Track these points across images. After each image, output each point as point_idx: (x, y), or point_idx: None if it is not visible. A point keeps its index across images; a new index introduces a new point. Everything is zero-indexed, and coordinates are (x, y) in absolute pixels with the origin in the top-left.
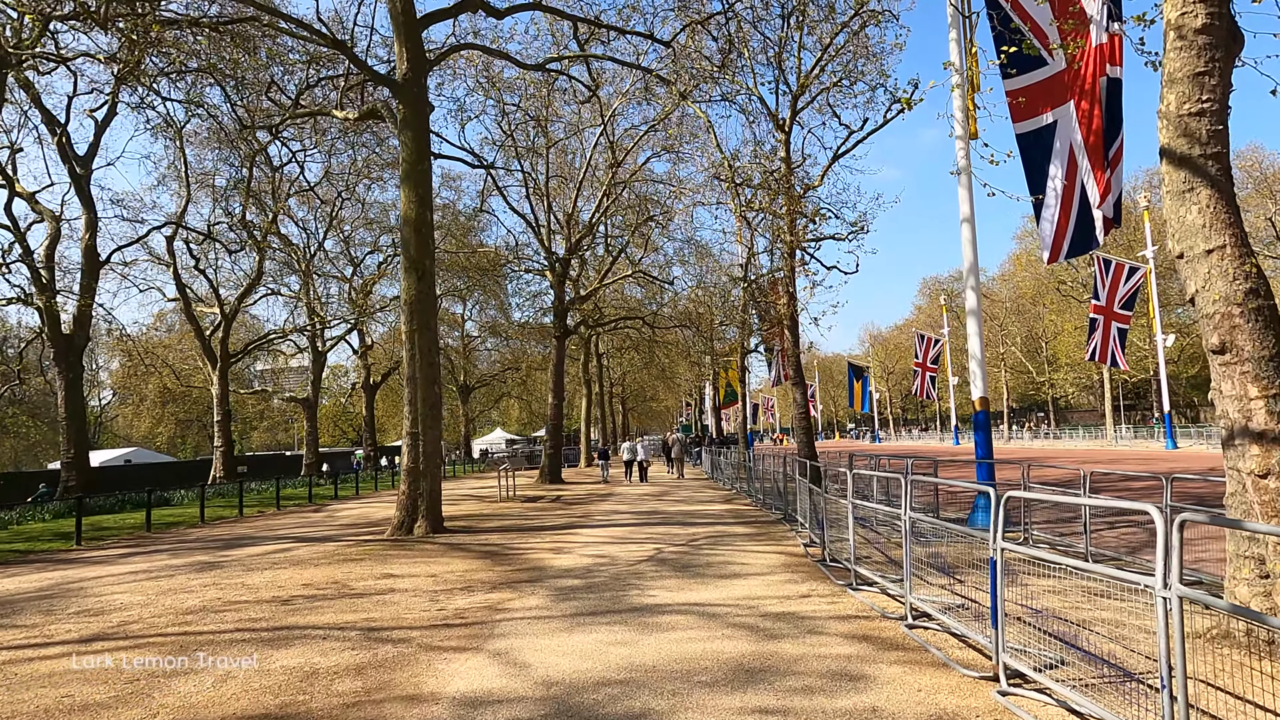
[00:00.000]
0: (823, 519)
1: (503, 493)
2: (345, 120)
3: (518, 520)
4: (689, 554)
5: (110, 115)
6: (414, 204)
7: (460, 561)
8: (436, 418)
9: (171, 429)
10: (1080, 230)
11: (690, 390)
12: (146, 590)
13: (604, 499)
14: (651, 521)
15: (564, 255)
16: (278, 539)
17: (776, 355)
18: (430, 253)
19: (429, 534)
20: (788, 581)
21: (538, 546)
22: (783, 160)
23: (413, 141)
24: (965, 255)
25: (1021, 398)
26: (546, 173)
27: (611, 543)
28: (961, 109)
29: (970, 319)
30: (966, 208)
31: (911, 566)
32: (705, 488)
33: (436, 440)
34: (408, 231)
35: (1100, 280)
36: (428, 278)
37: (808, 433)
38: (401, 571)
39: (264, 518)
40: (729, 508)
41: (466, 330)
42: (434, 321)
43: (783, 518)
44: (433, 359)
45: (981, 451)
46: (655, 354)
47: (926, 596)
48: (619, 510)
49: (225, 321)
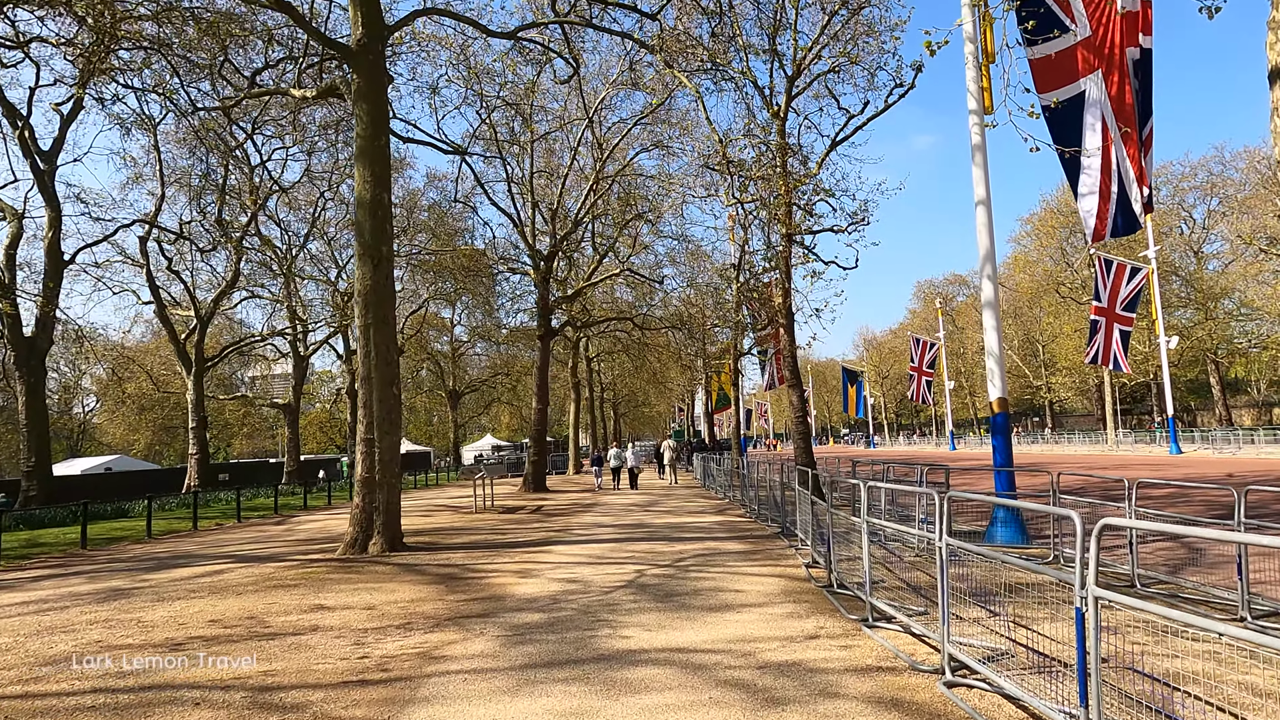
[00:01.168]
0: (828, 537)
1: (480, 503)
2: (303, 99)
3: (488, 535)
4: (674, 578)
5: (76, 109)
6: (369, 183)
7: (409, 588)
8: (395, 422)
9: (149, 435)
10: (1122, 208)
11: (683, 395)
12: (20, 629)
13: (587, 510)
14: (635, 537)
15: (548, 252)
16: (218, 558)
17: (770, 358)
18: (387, 238)
19: (385, 552)
20: (790, 615)
21: (503, 568)
22: (778, 146)
23: (368, 114)
24: (981, 240)
25: (1017, 402)
26: (530, 166)
27: (588, 563)
28: (975, 80)
29: (986, 311)
30: (982, 189)
31: (949, 604)
32: (696, 496)
33: (394, 447)
34: (362, 214)
35: (1101, 281)
36: (384, 266)
37: (806, 438)
38: (335, 602)
39: (219, 531)
40: (721, 520)
41: (455, 335)
42: (392, 315)
43: (780, 531)
44: (390, 357)
45: (1001, 458)
46: (646, 357)
47: (962, 638)
48: (601, 523)
49: (200, 324)
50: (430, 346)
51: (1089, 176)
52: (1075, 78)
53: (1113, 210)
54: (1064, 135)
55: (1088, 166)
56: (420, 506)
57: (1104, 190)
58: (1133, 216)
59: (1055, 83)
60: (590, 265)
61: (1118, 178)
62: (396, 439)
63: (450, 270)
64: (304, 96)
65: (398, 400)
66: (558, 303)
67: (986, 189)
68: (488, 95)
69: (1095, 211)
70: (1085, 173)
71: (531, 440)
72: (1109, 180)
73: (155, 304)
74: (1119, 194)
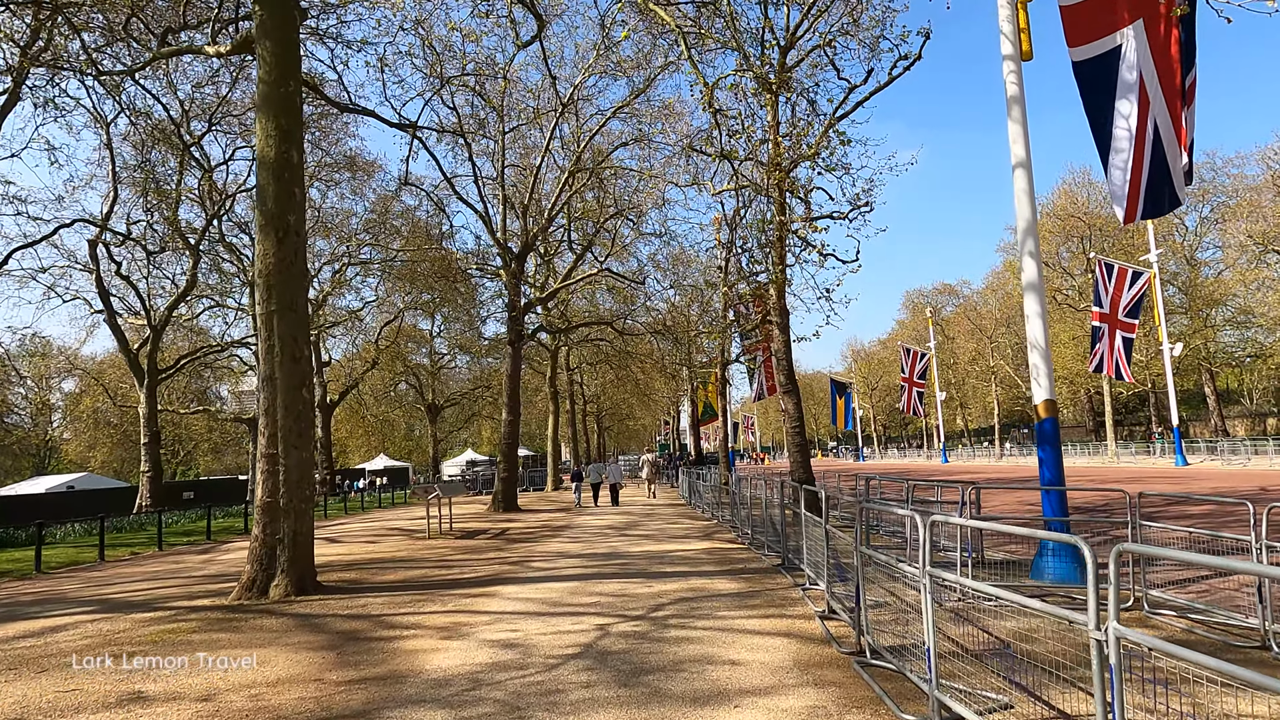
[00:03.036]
0: (857, 585)
1: (437, 526)
2: (218, 54)
3: (429, 570)
4: (648, 639)
5: (11, 102)
6: (274, 138)
7: (285, 658)
8: (306, 434)
9: (106, 452)
10: (1156, 182)
11: (668, 408)
12: None
13: (556, 534)
14: (605, 571)
15: (519, 251)
16: (82, 604)
17: (760, 366)
18: (296, 206)
19: (289, 596)
20: (813, 713)
21: (426, 622)
22: (770, 124)
23: (273, 54)
24: (1020, 210)
25: (1008, 413)
26: (502, 161)
27: (538, 613)
28: (1010, 20)
29: (1029, 296)
30: (1020, 149)
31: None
32: (681, 516)
33: (305, 465)
34: (264, 176)
35: (1102, 286)
36: (292, 240)
37: (803, 451)
38: (161, 688)
39: (128, 563)
40: (708, 546)
41: (434, 348)
42: (303, 301)
43: (780, 564)
44: (300, 353)
45: (1050, 473)
46: (629, 367)
47: None
48: (569, 552)
49: (154, 334)
50: (408, 359)
51: (1120, 148)
52: (1113, 29)
53: (1144, 188)
54: (1095, 98)
55: (1119, 136)
56: (371, 530)
57: (1136, 165)
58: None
59: (1089, 34)
60: (567, 268)
61: (1152, 149)
62: (307, 454)
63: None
64: (218, 52)
65: (310, 406)
66: (530, 305)
67: (1026, 148)
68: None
69: (1126, 190)
70: (1116, 144)
71: (502, 455)
72: (1143, 152)
73: (106, 312)
74: (1153, 169)
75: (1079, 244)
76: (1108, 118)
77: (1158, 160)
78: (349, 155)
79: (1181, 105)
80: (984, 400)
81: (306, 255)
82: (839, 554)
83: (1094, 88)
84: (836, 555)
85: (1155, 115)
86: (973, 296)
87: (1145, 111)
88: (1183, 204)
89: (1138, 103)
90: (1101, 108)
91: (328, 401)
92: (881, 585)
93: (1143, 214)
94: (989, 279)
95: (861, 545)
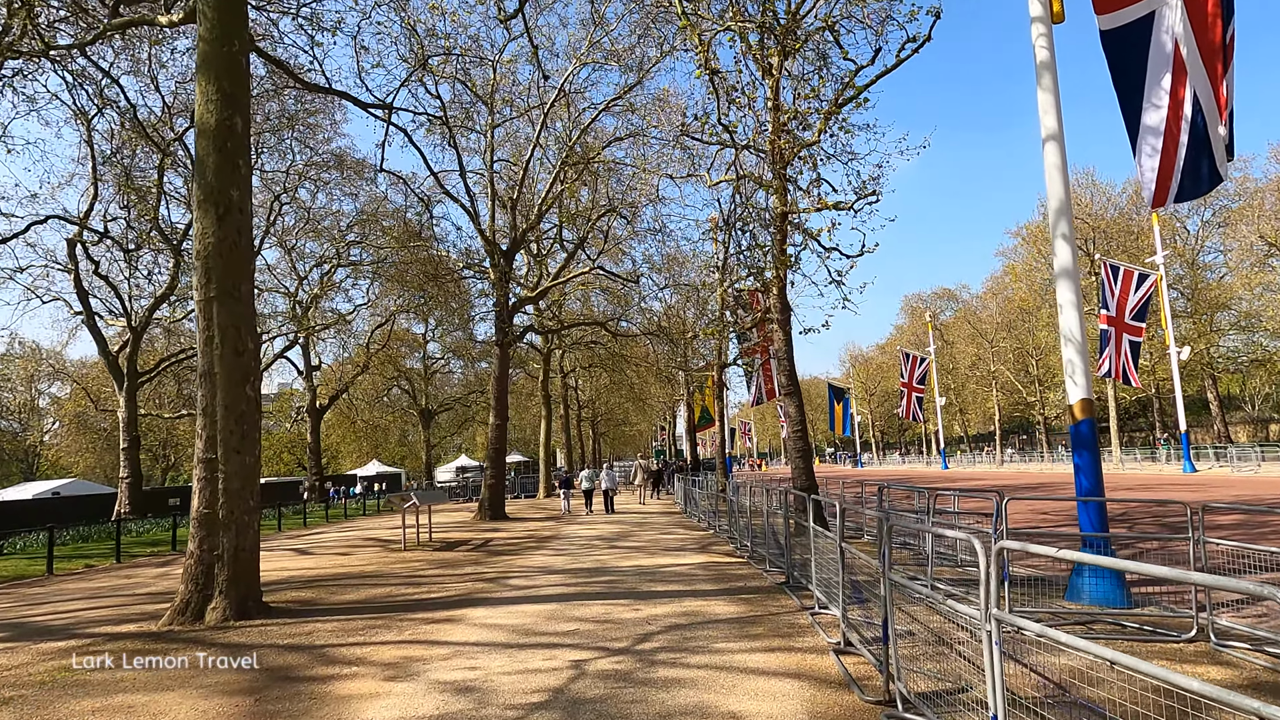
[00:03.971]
0: (886, 620)
1: (415, 536)
2: (170, 24)
3: (394, 588)
4: (630, 681)
5: None
6: (215, 103)
7: (191, 708)
8: (250, 437)
9: (89, 457)
10: (1193, 162)
11: (664, 414)
12: None
13: (541, 545)
14: (589, 591)
15: (507, 248)
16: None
17: (758, 369)
18: (240, 180)
19: (227, 620)
20: None
21: (375, 656)
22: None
23: (214, 9)
24: (1052, 188)
25: (1008, 420)
26: (491, 151)
27: (506, 645)
28: None
29: (1062, 284)
30: (1051, 120)
31: None
32: (676, 525)
33: (249, 472)
34: (203, 145)
35: (1109, 288)
36: (234, 218)
37: (805, 456)
38: None
39: (78, 577)
40: (704, 560)
41: (428, 352)
42: (248, 287)
43: (784, 582)
44: (243, 345)
45: (1088, 482)
46: (624, 371)
47: None
48: (552, 567)
49: (134, 336)
50: (401, 364)
51: (1153, 125)
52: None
53: (1181, 167)
54: (1126, 70)
55: (1152, 112)
56: (347, 540)
57: (1171, 142)
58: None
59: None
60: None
61: (1191, 124)
62: (253, 459)
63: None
64: (170, 21)
65: (255, 405)
66: (519, 304)
67: (1058, 119)
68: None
69: (1157, 170)
70: (1148, 120)
71: (488, 461)
72: (1179, 128)
73: (85, 313)
74: (1192, 145)
75: (1083, 245)
76: (1139, 92)
77: (1196, 135)
78: (336, 154)
79: (1222, 66)
80: (984, 406)
81: (253, 234)
82: (854, 570)
83: (1124, 59)
84: (853, 572)
85: (1194, 84)
86: (972, 301)
87: (1182, 81)
88: (1226, 180)
89: (1173, 71)
90: (1133, 81)
91: (317, 406)
92: (902, 608)
93: (1178, 196)
94: (988, 283)
95: (889, 571)
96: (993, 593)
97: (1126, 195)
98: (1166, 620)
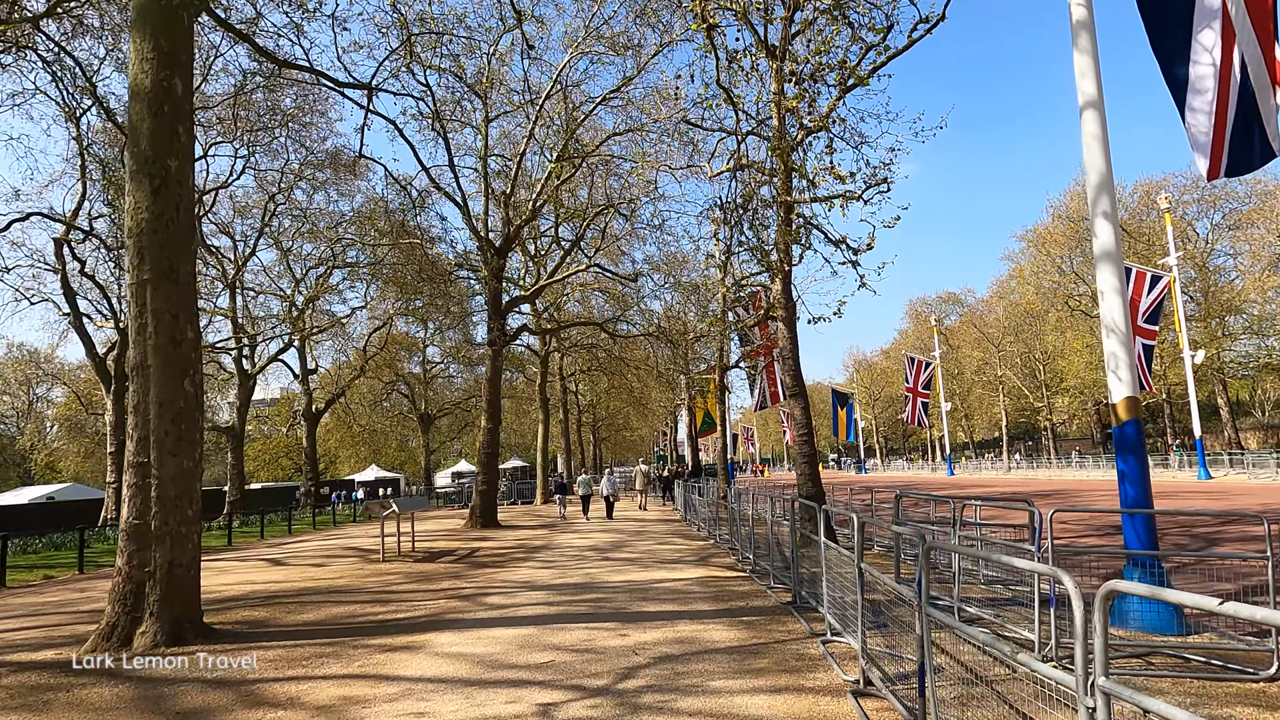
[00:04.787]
0: (923, 666)
1: (397, 546)
2: None
3: (361, 605)
4: None
5: None
6: (151, 62)
7: None
8: (188, 438)
9: (78, 461)
10: (1242, 133)
11: (666, 418)
12: None
13: (530, 555)
14: (572, 611)
15: (500, 245)
16: None
17: (761, 373)
18: (181, 150)
19: (159, 645)
20: None
21: (311, 696)
22: (775, 92)
23: None
24: (1091, 161)
25: (1015, 425)
26: (485, 146)
27: (467, 682)
28: None
29: (1103, 268)
30: (1090, 85)
31: None
32: (675, 534)
33: (187, 477)
34: (137, 110)
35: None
36: (173, 191)
37: (812, 462)
38: None
39: (30, 589)
40: (702, 575)
41: (428, 356)
42: (188, 268)
43: (791, 601)
44: (181, 334)
45: (1135, 492)
46: (624, 375)
47: None
48: (537, 581)
49: (122, 337)
50: (400, 368)
51: (1201, 89)
52: None
53: (1229, 140)
54: (1166, 30)
55: (1199, 75)
56: (326, 550)
57: (1221, 110)
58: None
59: None
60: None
61: (1239, 92)
62: (190, 464)
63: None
64: None
65: (195, 402)
66: (513, 303)
67: (1097, 83)
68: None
69: (1209, 142)
70: (1195, 84)
71: (480, 466)
72: (1228, 95)
73: (73, 314)
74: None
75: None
76: (1183, 54)
77: (1245, 104)
78: (332, 153)
79: (1275, 28)
80: (989, 411)
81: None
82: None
83: (1166, 19)
84: (872, 598)
85: (1243, 48)
86: (978, 305)
87: (1230, 43)
88: (1277, 155)
89: (1221, 32)
90: (1175, 42)
91: (313, 410)
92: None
93: (1228, 170)
94: (994, 287)
95: (925, 603)
96: (1098, 654)
97: (1137, 196)
98: (1236, 654)
